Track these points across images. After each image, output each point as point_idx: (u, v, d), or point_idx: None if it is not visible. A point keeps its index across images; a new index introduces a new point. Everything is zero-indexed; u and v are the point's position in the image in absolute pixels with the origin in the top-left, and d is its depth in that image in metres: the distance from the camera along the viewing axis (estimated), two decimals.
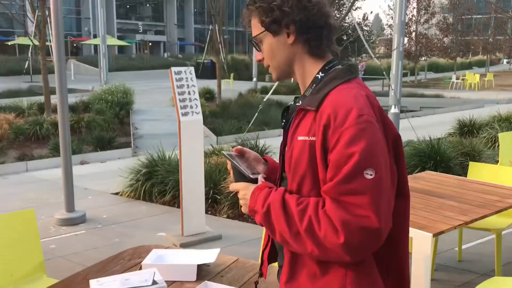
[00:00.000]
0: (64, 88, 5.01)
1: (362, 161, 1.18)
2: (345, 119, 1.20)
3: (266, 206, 1.29)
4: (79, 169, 7.48)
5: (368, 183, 1.18)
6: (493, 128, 9.13)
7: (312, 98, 1.31)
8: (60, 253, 4.26)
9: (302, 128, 1.30)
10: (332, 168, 1.21)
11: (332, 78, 1.33)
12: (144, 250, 2.21)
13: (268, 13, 1.34)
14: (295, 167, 1.30)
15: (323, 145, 1.23)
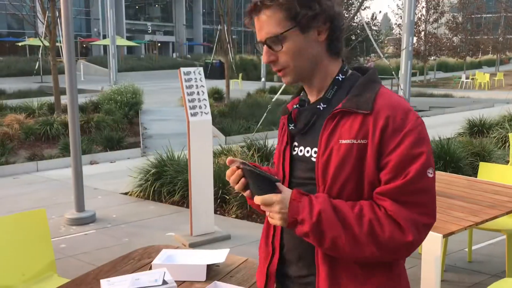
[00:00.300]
0: (74, 89, 5.04)
1: (427, 161, 1.21)
2: (405, 121, 1.21)
3: (316, 215, 1.22)
4: (89, 169, 7.52)
5: (430, 181, 1.23)
6: (503, 128, 9.06)
7: (358, 100, 1.26)
8: (70, 252, 4.29)
9: (343, 132, 1.25)
10: (393, 170, 1.21)
11: (370, 80, 1.31)
12: (154, 250, 2.22)
13: (305, 7, 1.25)
14: (338, 171, 1.25)
15: (379, 148, 1.22)
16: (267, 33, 1.29)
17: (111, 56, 18.86)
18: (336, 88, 1.33)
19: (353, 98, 1.27)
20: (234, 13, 19.42)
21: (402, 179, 1.20)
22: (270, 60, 1.32)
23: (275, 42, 1.28)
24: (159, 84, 23.67)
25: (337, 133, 1.26)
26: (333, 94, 1.33)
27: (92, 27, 46.48)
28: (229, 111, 12.84)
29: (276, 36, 1.27)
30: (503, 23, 34.12)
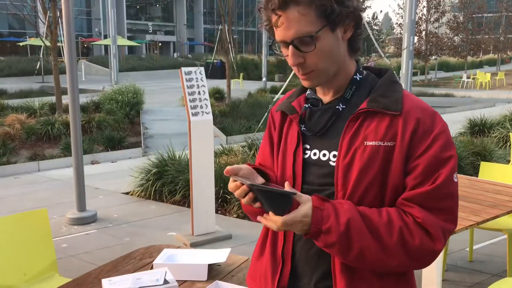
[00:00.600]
0: (76, 88, 5.05)
1: (455, 165, 1.18)
2: (434, 123, 1.18)
3: (344, 223, 1.13)
4: (90, 169, 7.53)
5: (455, 186, 1.19)
6: (504, 128, 9.05)
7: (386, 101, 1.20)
8: (71, 252, 4.30)
9: (370, 132, 1.19)
10: (422, 175, 1.15)
11: (393, 81, 1.26)
12: (155, 249, 2.23)
13: (340, 4, 1.17)
14: (363, 174, 1.17)
15: (407, 151, 1.16)
16: (298, 32, 1.16)
17: (112, 56, 18.87)
18: (354, 88, 1.26)
19: (378, 98, 1.21)
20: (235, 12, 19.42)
21: (431, 185, 1.15)
22: (298, 62, 1.19)
23: (307, 42, 1.17)
24: (160, 84, 23.68)
25: (361, 135, 1.19)
26: (351, 94, 1.26)
27: (93, 27, 46.50)
28: (230, 111, 12.84)
29: (310, 36, 1.16)
30: (504, 22, 34.09)
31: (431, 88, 23.35)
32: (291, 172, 1.28)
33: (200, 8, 53.80)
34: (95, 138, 9.42)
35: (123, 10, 45.64)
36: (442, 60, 37.81)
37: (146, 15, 55.72)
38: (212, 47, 34.78)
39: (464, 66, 33.81)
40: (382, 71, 1.31)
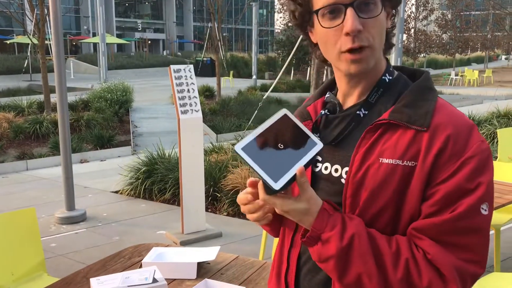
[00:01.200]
0: (64, 87, 5.01)
1: (484, 194, 0.96)
2: (468, 144, 0.97)
3: (348, 238, 0.96)
4: (79, 168, 7.49)
5: (482, 220, 0.97)
6: (492, 124, 9.14)
7: (412, 112, 1.01)
8: (60, 251, 4.27)
9: (386, 148, 1.00)
10: (440, 202, 0.96)
11: (426, 87, 1.06)
12: (144, 248, 2.22)
13: None
14: (374, 196, 1.00)
15: (430, 174, 0.97)
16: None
17: (101, 54, 18.75)
18: (381, 91, 1.08)
19: (404, 108, 1.01)
20: (225, 10, 19.38)
21: (449, 214, 0.95)
22: (358, 28, 0.98)
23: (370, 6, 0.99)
24: (150, 82, 23.58)
25: (377, 149, 1.01)
26: (377, 98, 1.08)
27: (82, 25, 46.13)
28: (220, 108, 12.83)
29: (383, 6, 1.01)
30: (492, 20, 34.39)
31: None
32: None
33: (190, 6, 53.61)
34: (84, 137, 9.37)
35: (112, 7, 45.34)
36: (431, 58, 38.08)
37: (135, 13, 55.40)
38: (202, 45, 34.71)
39: (452, 63, 34.09)
40: (417, 73, 1.12)
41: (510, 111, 10.16)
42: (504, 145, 5.50)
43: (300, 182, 0.96)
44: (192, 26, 54.72)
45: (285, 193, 0.99)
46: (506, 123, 9.26)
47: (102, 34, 18.56)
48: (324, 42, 1.05)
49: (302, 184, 0.96)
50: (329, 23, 1.01)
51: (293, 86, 19.86)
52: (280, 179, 0.93)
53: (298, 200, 0.98)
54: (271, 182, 0.92)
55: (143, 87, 20.18)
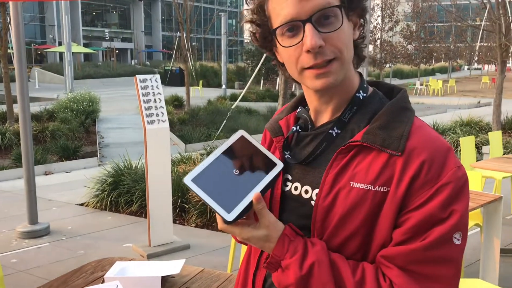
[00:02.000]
0: (26, 97, 4.88)
1: (457, 224, 0.91)
2: (443, 169, 0.92)
3: (308, 266, 0.92)
4: (43, 180, 7.29)
5: (454, 250, 0.92)
6: (455, 133, 9.40)
7: (386, 134, 0.95)
8: (22, 267, 4.13)
9: (358, 172, 0.95)
10: (411, 230, 0.91)
11: (402, 108, 1.00)
12: (108, 262, 2.16)
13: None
14: (344, 221, 0.95)
15: (402, 200, 0.92)
16: (318, 5, 0.92)
17: (66, 63, 18.38)
18: (355, 109, 1.02)
19: (378, 130, 0.96)
20: (194, 20, 19.35)
21: (420, 243, 0.91)
22: (319, 44, 0.92)
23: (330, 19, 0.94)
24: (117, 92, 23.27)
25: (349, 172, 0.96)
26: (350, 117, 1.02)
27: (47, 34, 45.24)
28: (189, 118, 12.76)
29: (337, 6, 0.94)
30: (454, 32, 35.51)
31: None
32: (268, 206, 1.04)
33: (158, 15, 53.36)
34: (49, 148, 9.14)
35: (79, 16, 44.67)
36: (397, 68, 38.98)
37: (103, 22, 54.73)
38: (171, 54, 34.54)
39: (417, 73, 34.98)
40: (395, 90, 1.06)
41: (472, 120, 10.49)
42: (466, 153, 5.65)
43: (258, 209, 0.93)
44: (160, 35, 54.43)
45: (246, 218, 0.95)
46: (468, 132, 9.54)
47: (68, 43, 18.21)
48: (287, 61, 1.00)
49: (260, 210, 0.94)
50: (289, 42, 0.96)
51: (262, 95, 19.97)
52: (234, 210, 0.89)
53: (257, 227, 0.95)
54: (223, 214, 0.89)
55: (110, 97, 19.89)
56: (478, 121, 10.46)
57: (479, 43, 21.26)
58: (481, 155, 7.84)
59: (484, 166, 4.63)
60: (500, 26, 8.94)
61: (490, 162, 4.87)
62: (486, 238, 3.31)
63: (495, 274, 3.27)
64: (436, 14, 34.62)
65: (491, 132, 6.83)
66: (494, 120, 9.29)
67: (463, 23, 13.52)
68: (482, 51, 28.40)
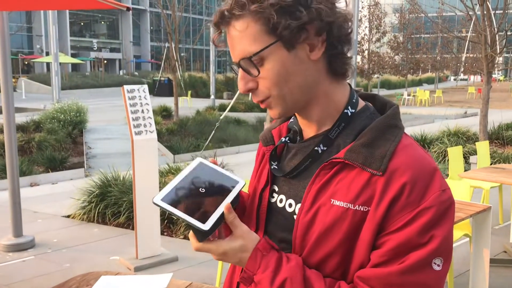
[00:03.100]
0: (11, 107, 4.81)
1: (437, 249, 0.88)
2: (426, 192, 0.89)
3: (280, 282, 0.91)
4: (29, 191, 7.17)
5: (433, 275, 0.89)
6: (443, 143, 9.46)
7: (369, 153, 0.92)
8: (5, 281, 4.03)
9: (339, 189, 0.93)
10: (388, 253, 0.89)
11: (389, 125, 0.96)
12: (93, 276, 2.11)
13: (286, 15, 0.89)
14: (322, 239, 0.94)
15: (382, 221, 0.89)
16: (241, 53, 0.94)
17: (54, 73, 18.26)
18: (343, 126, 0.99)
19: (361, 148, 0.93)
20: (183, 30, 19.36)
21: (397, 266, 0.89)
22: (248, 88, 0.96)
23: (251, 64, 0.94)
24: (105, 102, 23.15)
25: (330, 189, 0.94)
26: (338, 134, 0.99)
27: (35, 44, 45.00)
28: (178, 128, 12.71)
29: (253, 55, 0.93)
30: (440, 43, 35.98)
31: None
32: (255, 215, 1.07)
33: (147, 26, 53.37)
34: (35, 159, 9.02)
35: (66, 26, 44.56)
36: (384, 78, 39.33)
37: (91, 32, 54.62)
38: (159, 65, 34.50)
39: (404, 84, 35.31)
40: (387, 106, 1.03)
41: (460, 129, 10.58)
42: (454, 163, 5.67)
43: (230, 220, 0.94)
44: (149, 45, 54.41)
45: (218, 236, 0.97)
46: (456, 141, 9.61)
47: (55, 53, 18.09)
48: None
49: (232, 221, 0.95)
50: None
51: (251, 106, 19.98)
52: (208, 220, 0.91)
53: (232, 238, 0.95)
54: (199, 225, 0.90)
55: (98, 107, 19.78)
56: (465, 131, 10.55)
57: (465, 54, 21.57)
58: (468, 165, 7.89)
59: (472, 176, 4.65)
60: (486, 37, 9.05)
61: (478, 172, 4.89)
62: (476, 249, 3.30)
63: (485, 284, 3.27)
64: (423, 26, 35.08)
65: (479, 142, 6.88)
66: (481, 130, 9.37)
67: (449, 34, 13.68)
68: (468, 62, 28.80)
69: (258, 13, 0.90)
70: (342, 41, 0.96)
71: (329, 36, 0.94)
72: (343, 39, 0.96)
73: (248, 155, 9.95)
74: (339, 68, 0.98)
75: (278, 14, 0.89)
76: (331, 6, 0.93)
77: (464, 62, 27.51)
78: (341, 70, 0.98)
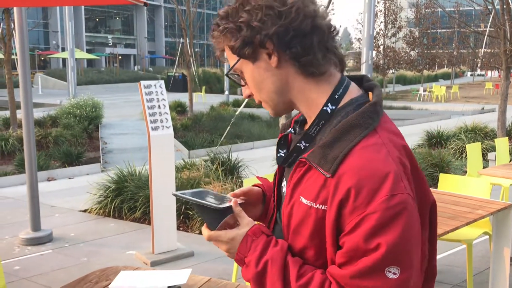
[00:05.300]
0: (30, 103, 4.86)
1: (386, 257, 0.89)
2: (371, 198, 0.89)
3: (262, 264, 1.01)
4: (46, 186, 7.26)
5: (388, 283, 0.90)
6: (460, 139, 9.34)
7: (324, 153, 0.96)
8: (24, 274, 4.08)
9: (306, 187, 0.99)
10: (345, 255, 0.93)
11: (352, 125, 0.97)
12: (112, 271, 2.12)
13: (237, 35, 1.00)
14: (296, 232, 1.02)
15: (337, 222, 0.93)
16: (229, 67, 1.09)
17: (69, 69, 18.41)
18: (323, 124, 1.03)
19: (320, 148, 0.98)
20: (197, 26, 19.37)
21: (349, 269, 0.93)
22: (246, 94, 1.12)
23: (236, 77, 1.10)
24: (120, 97, 23.30)
25: (301, 186, 1.01)
26: (318, 131, 1.03)
27: (51, 40, 45.43)
28: (193, 124, 12.74)
29: (228, 72, 1.10)
30: (457, 38, 35.48)
31: (389, 101, 23.94)
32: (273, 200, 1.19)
33: (161, 21, 53.54)
34: (52, 154, 9.11)
35: (82, 22, 44.88)
36: (400, 74, 38.95)
37: (106, 28, 54.96)
38: (174, 60, 34.61)
39: (420, 79, 34.91)
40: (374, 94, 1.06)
41: (477, 126, 10.43)
42: (473, 160, 5.59)
43: (237, 211, 1.08)
44: (163, 41, 54.59)
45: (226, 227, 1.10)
46: (473, 138, 9.48)
47: (71, 49, 18.25)
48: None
49: (239, 213, 1.08)
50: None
51: None
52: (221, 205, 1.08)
53: (239, 227, 1.07)
54: (215, 204, 1.07)
55: (113, 102, 19.92)
56: (483, 128, 10.40)
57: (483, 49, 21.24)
58: (486, 161, 7.78)
59: (492, 173, 4.58)
60: (505, 32, 8.89)
61: (497, 169, 4.82)
62: (496, 247, 3.25)
63: (505, 283, 3.22)
64: (439, 20, 34.61)
65: (497, 138, 6.77)
66: (499, 126, 9.23)
67: (466, 28, 13.49)
68: (485, 57, 28.38)
69: (220, 37, 1.04)
70: (297, 43, 0.99)
71: (280, 42, 0.99)
72: (297, 41, 0.99)
73: (262, 151, 9.94)
74: (307, 67, 1.01)
75: (228, 37, 1.03)
76: (278, 13, 0.98)
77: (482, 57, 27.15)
78: (311, 69, 1.01)
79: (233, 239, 1.06)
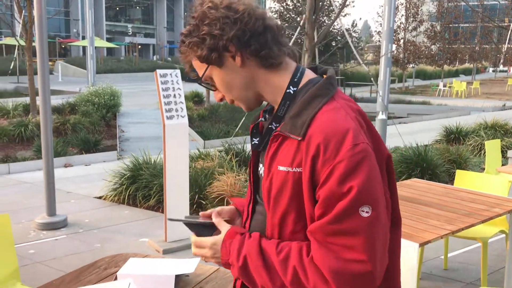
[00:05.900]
0: (47, 89, 4.90)
1: (358, 197, 1.03)
2: (338, 150, 1.04)
3: (242, 259, 1.15)
4: (63, 172, 7.35)
5: (363, 221, 1.04)
6: (479, 136, 9.18)
7: (293, 122, 1.12)
8: (39, 258, 4.15)
9: (282, 156, 1.13)
10: (322, 206, 1.06)
11: (313, 96, 1.14)
12: (122, 258, 2.13)
13: (202, 45, 1.16)
14: (276, 200, 1.14)
15: (312, 179, 1.07)
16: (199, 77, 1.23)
17: (89, 57, 18.57)
18: (288, 104, 1.18)
19: (289, 119, 1.14)
20: None
21: (326, 217, 1.05)
22: (218, 98, 1.26)
23: (208, 84, 1.25)
24: (139, 87, 23.44)
25: (277, 158, 1.14)
26: (285, 111, 1.18)
27: (71, 28, 45.85)
28: (209, 114, 12.76)
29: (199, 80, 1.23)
30: (480, 32, 34.81)
31: (408, 96, 23.64)
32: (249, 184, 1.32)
33: (181, 11, 53.59)
34: (70, 141, 9.23)
35: (102, 11, 45.15)
36: (420, 68, 38.40)
37: (126, 17, 55.24)
38: None
39: (440, 74, 34.36)
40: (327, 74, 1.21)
41: (497, 123, 10.23)
42: (491, 157, 5.49)
43: (216, 222, 1.26)
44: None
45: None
46: (493, 135, 9.31)
47: (91, 37, 18.38)
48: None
49: (219, 222, 1.26)
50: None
51: None
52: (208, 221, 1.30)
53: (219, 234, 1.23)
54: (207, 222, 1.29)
55: (131, 91, 20.05)
56: (503, 125, 10.19)
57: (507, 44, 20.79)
58: (506, 159, 7.63)
59: (511, 171, 4.48)
60: None
61: None
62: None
63: None
64: (462, 15, 33.94)
65: None
66: None
67: (490, 23, 13.21)
68: (509, 53, 27.77)
69: (188, 51, 1.19)
70: (254, 41, 1.15)
71: (240, 43, 1.15)
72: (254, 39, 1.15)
73: None
74: (267, 59, 1.17)
75: (195, 49, 1.17)
76: (234, 20, 1.13)
77: (505, 52, 26.55)
78: (270, 60, 1.17)
79: (215, 244, 1.21)
